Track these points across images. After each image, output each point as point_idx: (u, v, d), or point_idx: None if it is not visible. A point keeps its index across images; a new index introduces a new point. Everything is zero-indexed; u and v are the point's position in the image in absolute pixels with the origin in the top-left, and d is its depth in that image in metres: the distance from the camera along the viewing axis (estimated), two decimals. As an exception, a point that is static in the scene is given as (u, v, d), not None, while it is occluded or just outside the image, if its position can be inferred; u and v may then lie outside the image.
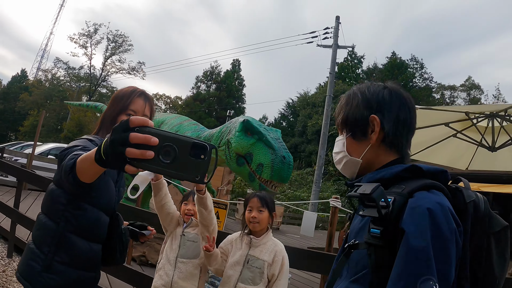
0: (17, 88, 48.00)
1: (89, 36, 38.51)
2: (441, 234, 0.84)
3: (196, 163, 0.80)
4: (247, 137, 4.67)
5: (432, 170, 0.99)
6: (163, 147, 0.79)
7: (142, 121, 0.82)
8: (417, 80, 37.76)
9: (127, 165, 0.81)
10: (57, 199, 1.57)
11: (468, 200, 0.94)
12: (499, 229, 0.95)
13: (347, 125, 1.15)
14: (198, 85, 44.75)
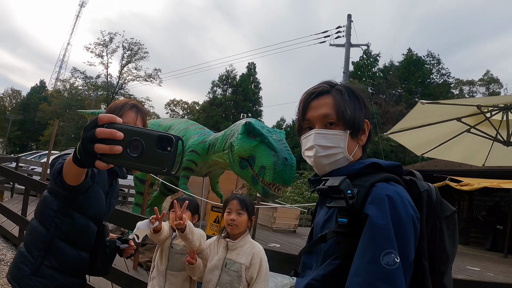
0: (36, 99, 49.45)
1: (105, 45, 39.21)
2: (399, 218, 0.94)
3: (163, 155, 0.82)
4: (249, 139, 4.59)
5: (389, 165, 1.11)
6: (131, 142, 0.81)
7: (109, 118, 0.83)
8: (434, 76, 37.11)
9: (97, 160, 0.83)
10: (48, 205, 1.65)
11: (422, 189, 1.06)
12: (449, 213, 1.09)
13: (352, 124, 1.17)
14: (214, 89, 45.06)
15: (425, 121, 5.16)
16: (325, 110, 1.17)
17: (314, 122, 1.19)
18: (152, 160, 0.81)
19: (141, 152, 0.81)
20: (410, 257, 0.92)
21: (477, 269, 8.49)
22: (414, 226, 0.96)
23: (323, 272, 1.04)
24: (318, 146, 1.15)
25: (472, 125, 5.14)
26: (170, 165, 0.82)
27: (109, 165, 0.85)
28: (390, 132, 5.60)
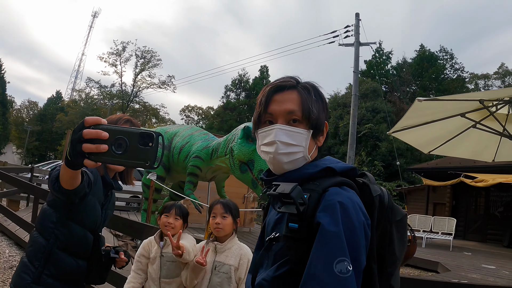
0: (53, 109, 50.45)
1: (118, 54, 39.83)
2: (351, 225, 0.94)
3: (145, 150, 0.89)
4: (248, 143, 4.63)
5: (342, 169, 1.09)
6: (116, 140, 0.88)
7: (95, 120, 0.92)
8: (448, 72, 36.49)
9: (86, 159, 0.91)
10: (48, 217, 1.75)
11: (374, 194, 1.05)
12: (400, 218, 1.10)
13: (315, 124, 1.15)
14: (227, 94, 45.22)
15: (428, 118, 5.09)
16: (290, 106, 1.12)
17: (276, 117, 1.13)
18: (135, 156, 0.89)
19: (125, 149, 0.88)
20: (361, 264, 0.93)
21: (493, 267, 8.30)
22: (365, 233, 0.97)
23: (273, 274, 1.04)
24: (280, 142, 1.10)
25: (477, 120, 5.05)
26: (152, 159, 0.89)
27: (97, 163, 0.92)
28: (392, 131, 5.54)
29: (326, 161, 1.12)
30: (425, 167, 15.75)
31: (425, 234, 11.57)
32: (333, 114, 32.69)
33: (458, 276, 7.03)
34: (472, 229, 14.31)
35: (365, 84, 30.28)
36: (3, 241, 6.27)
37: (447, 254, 9.91)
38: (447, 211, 14.59)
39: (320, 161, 1.13)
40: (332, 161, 1.12)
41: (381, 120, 27.91)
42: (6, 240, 6.38)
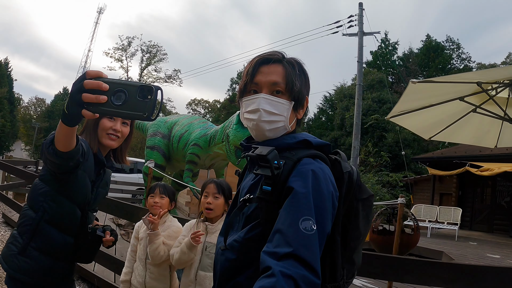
0: (60, 106, 50.61)
1: (124, 49, 40.02)
2: (320, 191, 1.01)
3: (144, 103, 0.90)
4: (243, 129, 4.62)
5: (318, 143, 1.19)
6: (115, 92, 0.90)
7: (96, 72, 0.94)
8: (455, 62, 35.98)
9: (83, 109, 0.93)
10: (38, 191, 1.77)
11: (345, 171, 1.13)
12: (366, 196, 1.18)
13: (297, 97, 1.22)
14: (233, 86, 45.11)
15: (425, 102, 4.98)
16: (275, 78, 1.20)
17: (261, 87, 1.21)
18: (133, 108, 0.90)
19: (124, 101, 0.90)
20: (326, 228, 1.00)
21: (497, 256, 8.22)
22: (332, 203, 1.04)
23: (244, 235, 1.11)
24: (263, 110, 1.18)
25: (477, 104, 4.93)
26: (150, 111, 0.90)
27: (94, 115, 0.94)
28: (390, 116, 5.44)
29: (303, 135, 1.22)
30: (430, 156, 15.61)
31: (430, 224, 11.49)
32: (339, 106, 32.52)
33: (461, 264, 6.97)
34: (479, 219, 14.16)
35: (371, 75, 30.02)
36: (7, 231, 6.38)
37: (452, 244, 9.84)
38: (454, 201, 14.46)
39: (298, 134, 1.23)
40: (309, 136, 1.22)
41: (387, 111, 27.57)
42: (10, 230, 6.45)
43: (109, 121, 1.85)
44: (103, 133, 1.85)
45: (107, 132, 1.85)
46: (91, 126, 1.85)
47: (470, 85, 4.52)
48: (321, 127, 36.61)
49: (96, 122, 1.84)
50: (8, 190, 9.10)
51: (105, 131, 1.84)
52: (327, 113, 38.79)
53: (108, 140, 1.86)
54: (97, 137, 1.85)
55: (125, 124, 1.91)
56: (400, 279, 2.16)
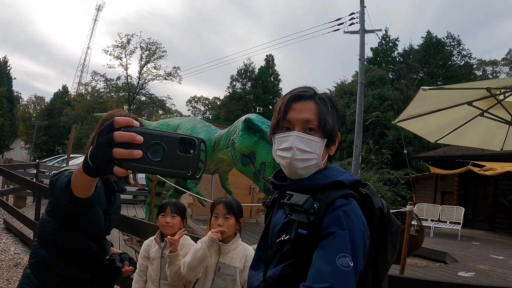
0: (60, 104, 50.66)
1: (123, 47, 39.69)
2: (353, 230, 1.05)
3: (186, 158, 0.79)
4: (249, 135, 4.58)
5: (350, 181, 1.20)
6: (151, 145, 0.78)
7: (127, 121, 0.80)
8: (455, 58, 35.86)
9: (115, 166, 0.79)
10: (47, 228, 1.65)
11: (376, 207, 1.16)
12: (395, 228, 1.20)
13: (330, 134, 1.23)
14: (233, 84, 45.02)
15: (433, 107, 4.98)
16: (308, 115, 1.21)
17: (294, 124, 1.21)
18: (174, 164, 0.79)
19: (162, 156, 0.78)
20: (359, 266, 1.03)
21: (501, 257, 8.22)
22: (364, 242, 1.07)
23: (280, 273, 1.14)
24: (296, 148, 1.19)
25: (485, 109, 4.92)
26: (194, 168, 0.79)
27: (127, 171, 0.82)
28: (397, 120, 5.46)
29: (334, 172, 1.23)
30: (432, 155, 15.59)
31: (433, 224, 11.48)
32: (340, 103, 32.45)
33: (466, 267, 6.97)
34: (481, 218, 14.18)
35: (371, 72, 29.93)
36: (9, 239, 6.33)
37: (455, 244, 9.84)
38: (456, 200, 14.46)
39: (329, 172, 1.23)
40: (339, 171, 1.24)
41: (388, 108, 27.62)
42: (12, 237, 6.44)
43: None
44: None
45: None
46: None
47: (479, 91, 4.50)
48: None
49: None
50: (8, 194, 9.07)
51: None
52: (327, 110, 38.76)
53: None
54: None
55: None
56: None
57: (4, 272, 4.66)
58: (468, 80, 32.76)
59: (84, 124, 39.41)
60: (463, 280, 5.90)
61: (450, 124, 5.50)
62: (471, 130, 5.57)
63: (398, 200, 21.40)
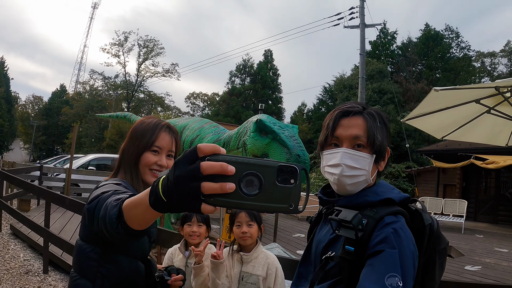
0: (58, 103, 50.28)
1: (120, 44, 39.71)
2: (403, 250, 1.03)
3: (286, 190, 0.68)
4: (261, 137, 4.56)
5: (401, 199, 1.18)
6: (244, 176, 0.67)
7: (212, 148, 0.68)
8: (454, 50, 35.90)
9: (203, 204, 0.67)
10: (87, 255, 1.42)
11: (426, 223, 1.14)
12: (443, 246, 1.18)
13: (379, 150, 1.21)
14: (232, 79, 44.89)
15: (442, 105, 5.01)
16: (356, 131, 1.19)
17: (342, 140, 1.21)
18: (273, 197, 0.67)
19: (259, 189, 0.67)
20: (408, 286, 1.00)
21: (505, 250, 8.28)
22: (413, 263, 1.05)
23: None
24: (345, 165, 1.17)
25: (491, 106, 4.95)
26: (296, 200, 0.69)
27: (216, 208, 0.69)
28: (406, 118, 5.51)
29: (384, 188, 1.22)
30: (434, 149, 15.61)
31: (437, 217, 11.50)
32: (339, 97, 32.44)
33: (472, 261, 7.01)
34: (483, 210, 14.24)
35: (370, 65, 29.89)
36: (17, 245, 6.32)
37: (460, 237, 9.89)
38: (458, 193, 14.51)
39: (378, 188, 1.22)
40: (388, 187, 1.24)
41: (388, 101, 27.64)
42: (20, 243, 6.43)
43: (153, 155, 1.52)
44: (146, 169, 1.52)
45: (150, 167, 1.52)
46: (131, 162, 1.52)
47: (487, 90, 4.52)
48: (321, 118, 36.51)
49: (137, 156, 1.52)
50: (13, 198, 9.04)
51: (149, 166, 1.52)
52: (327, 104, 38.72)
53: (152, 177, 1.52)
54: (139, 175, 1.52)
55: (170, 157, 1.58)
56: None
57: (16, 280, 4.64)
58: (467, 72, 32.83)
59: (83, 123, 39.31)
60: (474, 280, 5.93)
61: (457, 121, 5.53)
62: (478, 127, 5.59)
63: (399, 193, 21.47)
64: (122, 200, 0.99)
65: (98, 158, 14.21)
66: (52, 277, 4.92)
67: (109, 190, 1.24)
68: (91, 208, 1.20)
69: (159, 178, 0.75)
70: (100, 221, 1.09)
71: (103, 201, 1.13)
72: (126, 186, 1.42)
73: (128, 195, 1.01)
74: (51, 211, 6.09)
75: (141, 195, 0.86)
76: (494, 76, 34.42)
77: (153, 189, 0.75)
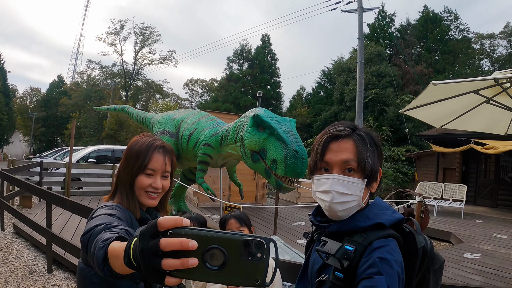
0: (56, 94, 49.98)
1: (116, 33, 39.47)
2: (390, 276, 1.03)
3: (252, 265, 0.67)
4: (259, 132, 4.54)
5: (392, 221, 1.16)
6: (208, 251, 0.66)
7: (173, 221, 0.68)
8: (453, 32, 35.63)
9: (167, 277, 0.68)
10: (90, 279, 1.40)
11: (419, 246, 1.13)
12: (438, 266, 1.18)
13: (370, 174, 1.19)
14: (230, 65, 44.58)
15: (441, 96, 5.03)
16: (346, 156, 1.17)
17: (332, 165, 1.19)
18: (238, 272, 0.67)
19: (222, 263, 0.66)
20: None
21: (504, 237, 8.32)
22: (398, 285, 1.04)
23: None
24: (335, 192, 1.16)
25: (490, 96, 4.95)
26: (263, 275, 0.67)
27: (181, 279, 0.70)
28: (405, 109, 5.53)
29: (376, 210, 1.19)
30: (434, 133, 15.56)
31: (436, 202, 11.59)
32: (338, 80, 32.28)
33: (471, 248, 7.07)
34: (483, 194, 14.30)
35: (369, 48, 29.64)
36: (20, 244, 6.35)
37: (459, 223, 9.95)
38: (457, 176, 14.56)
39: (370, 211, 1.19)
40: (381, 208, 1.20)
41: (387, 84, 27.52)
42: (23, 242, 6.46)
43: (147, 178, 1.52)
44: (142, 192, 1.53)
45: (146, 190, 1.53)
46: (126, 185, 1.52)
47: (487, 81, 4.52)
48: (320, 102, 36.43)
49: (131, 179, 1.51)
50: (14, 197, 9.05)
51: (143, 189, 1.52)
52: (326, 87, 38.52)
53: (148, 199, 1.54)
54: (135, 197, 1.53)
55: (165, 177, 1.58)
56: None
57: (21, 282, 4.68)
58: (466, 54, 32.57)
59: (82, 114, 39.23)
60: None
61: (456, 110, 5.55)
62: (476, 116, 5.61)
63: (399, 177, 21.54)
64: (108, 243, 0.97)
65: (98, 150, 14.18)
66: (57, 277, 4.97)
67: (102, 223, 1.21)
68: (84, 241, 1.18)
69: (131, 240, 0.75)
70: (90, 258, 1.07)
71: (94, 237, 1.12)
72: (121, 214, 1.40)
73: (116, 235, 0.98)
74: (53, 208, 6.12)
75: (120, 248, 0.84)
76: (494, 58, 34.18)
77: (126, 250, 0.76)
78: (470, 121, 5.81)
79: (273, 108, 38.94)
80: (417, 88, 28.17)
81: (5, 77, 39.73)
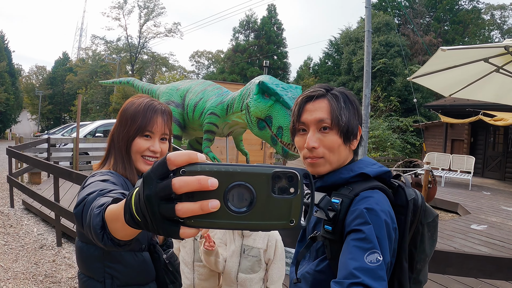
0: (62, 71, 49.69)
1: (120, 7, 38.89)
2: (378, 224, 1.03)
3: (285, 202, 0.53)
4: (264, 99, 4.49)
5: (377, 173, 1.18)
6: (231, 190, 0.52)
7: (186, 157, 0.54)
8: (463, 2, 34.41)
9: (182, 227, 0.53)
10: (90, 256, 1.35)
11: (409, 198, 1.15)
12: (431, 219, 1.19)
13: (346, 130, 1.20)
14: (236, 36, 43.86)
15: (449, 64, 4.93)
16: (320, 115, 1.19)
17: (308, 125, 1.21)
18: (269, 213, 0.53)
19: (249, 203, 0.52)
20: (386, 258, 1.01)
21: (511, 209, 8.29)
22: (389, 234, 1.05)
23: (315, 268, 1.17)
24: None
25: (500, 65, 4.83)
26: (298, 213, 0.54)
27: (199, 230, 0.56)
28: (413, 77, 5.47)
29: (361, 164, 1.21)
30: (442, 104, 15.33)
31: (444, 173, 11.55)
32: (346, 50, 31.69)
33: (478, 220, 7.07)
34: (491, 166, 14.20)
35: (377, 18, 28.90)
36: (30, 219, 6.46)
37: (467, 194, 9.93)
38: (466, 148, 14.44)
39: (355, 165, 1.21)
40: (367, 163, 1.21)
41: (395, 54, 26.96)
42: (33, 217, 6.58)
43: (144, 141, 1.40)
44: (138, 156, 1.41)
45: (143, 154, 1.41)
46: (122, 149, 1.40)
47: (496, 49, 4.38)
48: (328, 72, 35.96)
49: (127, 142, 1.40)
50: (23, 173, 9.15)
51: (141, 153, 1.41)
52: (334, 57, 37.90)
53: (144, 165, 1.41)
54: (132, 162, 1.41)
55: (164, 140, 1.46)
56: (442, 271, 2.22)
57: (31, 256, 4.77)
58: (476, 25, 31.69)
59: (88, 89, 39.21)
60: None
61: (465, 79, 5.46)
62: (486, 85, 5.52)
63: (408, 148, 21.47)
64: (104, 207, 0.84)
65: (105, 124, 14.21)
66: (66, 249, 5.06)
67: (95, 190, 1.08)
68: (78, 213, 1.03)
69: (132, 191, 0.62)
70: (87, 229, 0.92)
71: (88, 206, 0.98)
72: (115, 179, 1.28)
73: (112, 199, 0.86)
74: (61, 183, 6.18)
75: (119, 206, 0.72)
76: (504, 29, 33.24)
77: (127, 205, 0.62)
78: (479, 91, 5.73)
79: (281, 78, 38.44)
80: (426, 58, 27.56)
81: (10, 57, 39.42)
